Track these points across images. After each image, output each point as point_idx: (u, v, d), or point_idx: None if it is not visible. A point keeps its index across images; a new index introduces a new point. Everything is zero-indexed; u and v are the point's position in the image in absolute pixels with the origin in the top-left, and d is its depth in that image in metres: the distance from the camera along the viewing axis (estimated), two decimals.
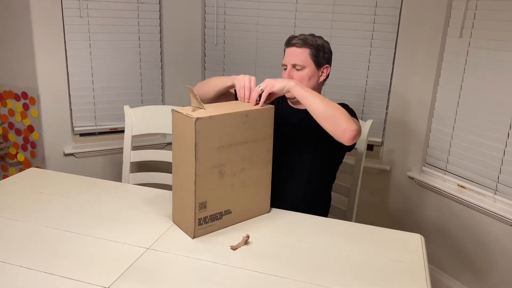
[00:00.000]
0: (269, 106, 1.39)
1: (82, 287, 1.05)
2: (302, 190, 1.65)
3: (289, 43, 1.61)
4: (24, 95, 2.36)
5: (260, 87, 1.39)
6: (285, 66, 1.62)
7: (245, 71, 2.49)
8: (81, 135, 2.57)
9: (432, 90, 2.25)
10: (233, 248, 1.24)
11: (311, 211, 1.51)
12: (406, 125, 2.40)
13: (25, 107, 2.37)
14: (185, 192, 1.28)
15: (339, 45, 2.41)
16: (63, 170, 1.96)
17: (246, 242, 1.27)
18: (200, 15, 2.66)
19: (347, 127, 1.35)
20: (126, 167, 2.00)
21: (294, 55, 1.58)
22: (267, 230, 1.36)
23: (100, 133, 2.61)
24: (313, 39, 1.59)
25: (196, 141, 1.20)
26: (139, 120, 2.01)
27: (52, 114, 2.41)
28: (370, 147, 2.55)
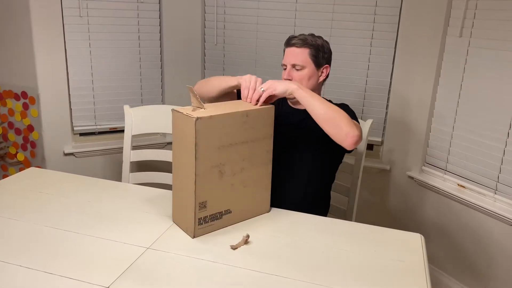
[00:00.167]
0: (269, 106, 1.39)
1: (82, 286, 1.05)
2: (302, 190, 1.65)
3: (289, 43, 1.61)
4: (24, 94, 2.36)
5: (262, 88, 1.39)
6: (284, 66, 1.62)
7: (245, 71, 2.49)
8: (81, 134, 2.57)
9: (432, 90, 2.25)
10: (233, 248, 1.24)
11: (311, 210, 1.51)
12: (406, 124, 2.40)
13: (25, 106, 2.37)
14: (185, 192, 1.28)
15: (339, 45, 2.41)
16: (63, 170, 1.96)
17: (246, 242, 1.27)
18: (200, 15, 2.66)
19: (349, 132, 1.35)
20: (126, 166, 2.00)
21: (294, 55, 1.58)
22: (267, 229, 1.36)
23: (100, 133, 2.61)
24: (312, 39, 1.59)
25: (196, 141, 1.20)
26: (139, 119, 2.01)
27: (52, 114, 2.41)
28: (370, 146, 2.55)
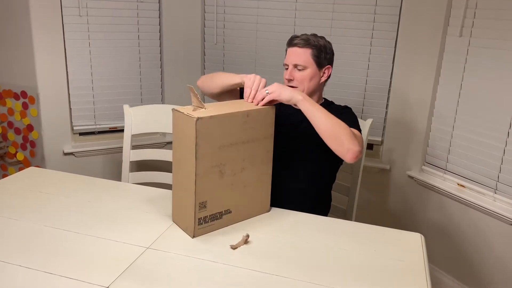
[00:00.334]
0: (270, 106, 1.38)
1: (82, 286, 1.05)
2: (302, 190, 1.64)
3: (291, 43, 1.60)
4: (24, 94, 2.35)
5: (267, 91, 1.38)
6: (286, 66, 1.61)
7: (245, 71, 2.48)
8: (81, 134, 2.56)
9: (432, 89, 2.25)
10: (233, 248, 1.24)
11: (311, 210, 1.51)
12: (406, 124, 2.39)
13: (25, 106, 2.37)
14: (185, 192, 1.28)
15: (339, 45, 2.41)
16: (62, 169, 1.95)
17: (246, 242, 1.27)
18: (200, 14, 2.66)
19: (350, 148, 1.36)
20: (126, 166, 1.99)
21: (296, 55, 1.58)
22: (267, 229, 1.36)
23: (100, 132, 2.61)
24: (315, 39, 1.59)
25: (197, 140, 1.20)
26: (138, 119, 2.01)
27: (51, 113, 2.41)
28: (370, 146, 2.55)
